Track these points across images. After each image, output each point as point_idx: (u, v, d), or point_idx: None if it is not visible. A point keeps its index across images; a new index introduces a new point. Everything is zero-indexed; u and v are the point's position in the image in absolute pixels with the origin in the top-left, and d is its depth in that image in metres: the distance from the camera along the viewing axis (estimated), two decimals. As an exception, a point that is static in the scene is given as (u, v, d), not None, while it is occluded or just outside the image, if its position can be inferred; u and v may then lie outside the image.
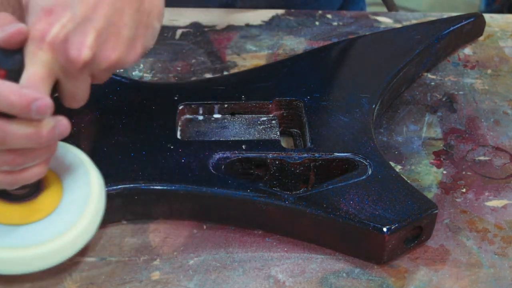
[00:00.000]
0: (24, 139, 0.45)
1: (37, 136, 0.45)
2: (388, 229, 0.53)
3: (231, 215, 0.57)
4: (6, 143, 0.44)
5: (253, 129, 0.63)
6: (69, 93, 0.48)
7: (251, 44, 0.80)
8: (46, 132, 0.45)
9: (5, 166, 0.46)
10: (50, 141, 0.46)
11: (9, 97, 0.43)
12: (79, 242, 0.51)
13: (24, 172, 0.47)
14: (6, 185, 0.48)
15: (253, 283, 0.54)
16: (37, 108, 0.43)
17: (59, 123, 0.46)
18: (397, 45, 0.74)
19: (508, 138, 0.68)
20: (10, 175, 0.47)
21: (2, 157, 0.45)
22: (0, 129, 0.44)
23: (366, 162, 0.59)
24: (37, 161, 0.47)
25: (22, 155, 0.46)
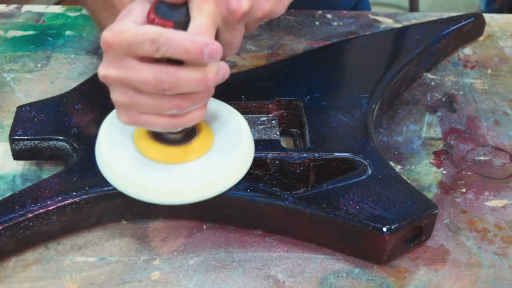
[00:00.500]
0: (193, 83, 0.49)
1: (205, 80, 0.49)
2: (388, 229, 0.53)
3: (231, 215, 0.57)
4: (178, 88, 0.49)
5: (253, 129, 0.63)
6: (226, 42, 0.52)
7: (251, 44, 0.80)
8: (212, 75, 0.49)
9: (173, 109, 0.50)
10: (215, 84, 0.50)
11: (185, 44, 0.47)
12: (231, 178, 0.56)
13: (187, 116, 0.52)
14: (171, 127, 0.52)
15: (253, 283, 0.54)
16: (209, 52, 0.47)
17: (221, 67, 0.50)
18: (397, 45, 0.74)
19: (508, 138, 0.68)
20: (175, 119, 0.51)
21: (172, 101, 0.50)
22: (172, 75, 0.48)
23: (366, 162, 0.59)
24: (199, 105, 0.52)
25: (189, 99, 0.50)
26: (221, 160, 0.56)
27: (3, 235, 0.53)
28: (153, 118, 0.51)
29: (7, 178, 0.62)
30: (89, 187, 0.55)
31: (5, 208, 0.53)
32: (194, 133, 0.57)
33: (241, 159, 0.56)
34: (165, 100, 0.49)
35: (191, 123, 0.52)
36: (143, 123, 0.52)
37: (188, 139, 0.56)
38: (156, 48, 0.47)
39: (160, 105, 0.50)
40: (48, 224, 0.55)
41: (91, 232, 0.57)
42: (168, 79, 0.48)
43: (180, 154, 0.55)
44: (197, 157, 0.55)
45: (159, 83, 0.48)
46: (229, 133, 0.58)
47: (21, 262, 0.55)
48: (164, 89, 0.48)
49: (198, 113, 0.52)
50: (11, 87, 0.72)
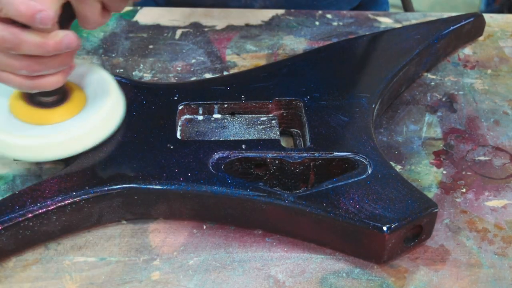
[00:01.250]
0: (33, 46, 0.52)
1: (45, 44, 0.52)
2: (388, 228, 0.53)
3: (231, 215, 0.57)
4: (20, 48, 0.52)
5: (253, 129, 0.63)
6: (81, 15, 0.56)
7: (251, 44, 0.80)
8: (54, 42, 0.53)
9: (23, 70, 0.54)
10: (58, 50, 0.53)
11: (19, 7, 0.50)
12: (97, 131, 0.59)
13: (41, 79, 0.55)
14: (26, 88, 0.56)
15: (253, 283, 0.54)
16: (41, 18, 0.51)
17: (66, 36, 0.53)
18: (397, 45, 0.74)
19: (508, 138, 0.68)
20: (29, 80, 0.55)
21: (20, 62, 0.53)
22: (15, 35, 0.52)
23: (366, 161, 0.59)
24: (52, 71, 0.55)
25: (37, 62, 0.54)
26: (84, 120, 0.59)
27: (3, 235, 0.53)
28: (10, 76, 0.55)
29: (7, 178, 0.62)
30: (89, 187, 0.55)
31: (5, 208, 0.53)
32: (66, 97, 0.60)
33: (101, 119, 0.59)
34: (15, 59, 0.53)
35: (46, 87, 0.56)
36: (2, 80, 0.55)
37: (59, 103, 0.59)
38: (0, 7, 0.51)
39: (11, 64, 0.54)
40: (48, 224, 0.55)
41: (91, 232, 0.57)
42: (10, 38, 0.52)
43: (48, 116, 0.59)
44: (64, 118, 0.59)
45: (3, 41, 0.52)
46: (98, 98, 0.61)
47: (21, 262, 0.55)
48: (8, 48, 0.52)
49: (53, 79, 0.56)
50: (11, 87, 0.72)
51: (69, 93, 0.61)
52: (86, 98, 0.61)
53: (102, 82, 0.63)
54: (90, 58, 0.77)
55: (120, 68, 0.75)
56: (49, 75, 0.55)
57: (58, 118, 0.59)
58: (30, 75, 0.54)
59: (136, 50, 0.79)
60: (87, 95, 0.62)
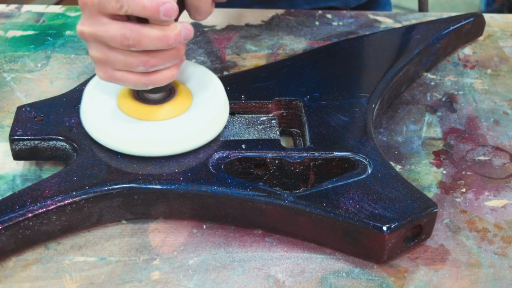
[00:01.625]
0: (155, 40, 0.52)
1: (166, 38, 0.53)
2: (388, 228, 0.53)
3: (230, 215, 0.57)
4: (141, 44, 0.52)
5: (252, 128, 0.63)
6: (193, 6, 0.57)
7: (251, 44, 0.80)
8: (174, 34, 0.53)
9: (141, 66, 0.54)
10: (177, 43, 0.53)
11: (143, 1, 0.51)
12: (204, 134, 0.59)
13: (156, 74, 0.55)
14: (142, 84, 0.56)
15: (253, 283, 0.54)
16: (165, 10, 0.51)
17: (184, 27, 0.53)
18: (397, 45, 0.74)
19: (508, 138, 0.68)
20: (145, 76, 0.55)
21: (138, 58, 0.54)
22: (136, 31, 0.52)
23: (366, 161, 0.59)
24: (167, 64, 0.55)
25: (154, 57, 0.54)
26: (196, 118, 0.59)
27: (3, 235, 0.53)
28: (126, 74, 0.55)
29: (7, 178, 0.62)
30: (89, 187, 0.55)
31: (5, 208, 0.53)
32: (173, 94, 0.60)
33: (214, 117, 0.60)
34: (133, 56, 0.53)
35: (161, 82, 0.56)
36: (117, 79, 0.55)
37: (166, 99, 0.60)
38: (120, 5, 0.51)
39: (129, 61, 0.54)
40: (48, 224, 0.55)
41: (91, 232, 0.57)
42: (131, 35, 0.52)
43: (157, 112, 0.59)
44: (173, 115, 0.59)
45: (124, 38, 0.52)
46: (205, 94, 0.61)
47: (21, 262, 0.55)
48: (129, 45, 0.52)
49: (168, 73, 0.56)
50: (11, 87, 0.72)
51: (175, 89, 0.61)
52: (191, 93, 0.61)
53: (204, 76, 0.63)
54: (90, 58, 0.77)
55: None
56: (164, 70, 0.56)
57: (170, 114, 0.59)
58: (147, 71, 0.55)
59: (136, 50, 0.79)
60: (192, 90, 0.62)
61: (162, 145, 0.58)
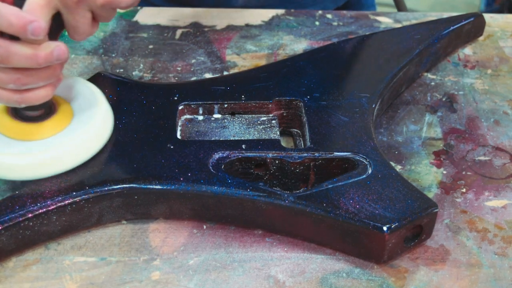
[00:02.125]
0: (24, 59, 0.51)
1: (35, 57, 0.51)
2: (388, 228, 0.53)
3: (231, 215, 0.57)
4: (10, 61, 0.51)
5: (253, 129, 0.63)
6: (71, 25, 0.55)
7: (251, 44, 0.80)
8: (44, 53, 0.51)
9: (11, 84, 0.52)
10: (48, 62, 0.52)
11: (10, 18, 0.49)
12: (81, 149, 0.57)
13: (29, 92, 0.53)
14: (14, 102, 0.54)
15: (253, 283, 0.54)
16: (32, 29, 0.49)
17: (57, 48, 0.52)
18: (397, 45, 0.74)
19: (508, 138, 0.68)
20: (17, 94, 0.53)
21: (8, 75, 0.52)
22: (4, 48, 0.50)
23: (366, 161, 0.59)
24: (40, 84, 0.53)
25: (26, 75, 0.52)
26: (69, 137, 0.57)
27: (3, 235, 0.53)
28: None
29: (7, 178, 0.62)
30: (89, 187, 0.55)
31: (5, 208, 0.53)
32: (53, 111, 0.58)
33: (85, 139, 0.57)
34: (4, 73, 0.51)
35: (35, 101, 0.54)
36: None
37: (46, 117, 0.57)
38: None
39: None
40: (48, 224, 0.55)
41: (91, 232, 0.57)
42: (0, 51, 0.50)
43: (34, 131, 0.57)
44: (50, 134, 0.57)
45: None
46: (86, 112, 0.59)
47: (21, 262, 0.55)
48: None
49: (42, 92, 0.54)
50: (11, 87, 0.72)
51: (55, 106, 0.59)
52: (73, 111, 0.60)
53: (89, 94, 0.61)
54: (90, 58, 0.77)
55: (120, 68, 0.75)
56: (37, 88, 0.54)
57: (46, 133, 0.57)
58: (18, 88, 0.53)
59: (136, 50, 0.79)
60: (73, 108, 0.60)
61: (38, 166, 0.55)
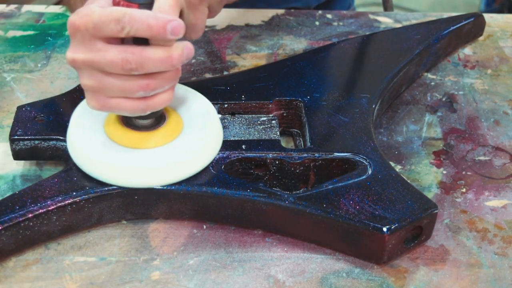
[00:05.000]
0: (159, 62, 0.50)
1: (170, 59, 0.50)
2: (388, 229, 0.53)
3: (231, 215, 0.57)
4: (144, 67, 0.49)
5: (253, 129, 0.63)
6: (191, 23, 0.55)
7: (251, 44, 0.80)
8: (177, 54, 0.50)
9: (140, 91, 0.51)
10: (180, 63, 0.51)
11: (148, 21, 0.48)
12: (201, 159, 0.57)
13: (155, 98, 0.52)
14: (140, 110, 0.53)
15: (253, 283, 0.54)
16: (172, 28, 0.48)
17: (186, 47, 0.51)
18: (397, 45, 0.74)
19: (508, 138, 0.68)
20: (143, 101, 0.52)
21: (139, 82, 0.50)
22: (138, 54, 0.49)
23: (366, 162, 0.59)
24: (166, 87, 0.52)
25: (156, 79, 0.51)
26: (188, 145, 0.56)
27: (3, 235, 0.53)
28: (122, 101, 0.52)
29: (7, 178, 0.62)
30: (89, 187, 0.55)
31: (5, 208, 0.53)
32: (164, 119, 0.58)
33: (207, 144, 0.57)
34: (133, 81, 0.50)
35: (159, 106, 0.53)
36: (111, 107, 0.52)
37: (157, 125, 0.57)
38: (121, 27, 0.48)
39: (128, 87, 0.50)
40: (48, 224, 0.55)
41: (91, 232, 0.57)
42: (134, 58, 0.49)
43: (148, 139, 0.56)
44: (164, 142, 0.56)
45: (126, 63, 0.49)
46: (197, 119, 0.59)
47: (21, 262, 0.55)
48: (131, 69, 0.49)
49: (166, 96, 0.53)
50: (11, 87, 0.72)
51: (165, 115, 0.58)
52: (182, 120, 0.59)
53: (195, 101, 0.61)
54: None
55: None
56: (162, 93, 0.52)
57: (160, 141, 0.56)
58: (146, 95, 0.52)
59: (136, 50, 0.79)
60: (182, 116, 0.59)
61: (154, 174, 0.55)
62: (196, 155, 0.56)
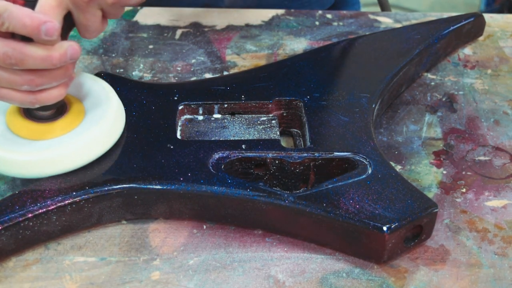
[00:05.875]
0: (38, 60, 0.51)
1: (50, 58, 0.51)
2: (388, 228, 0.53)
3: (231, 215, 0.57)
4: (24, 63, 0.51)
5: (253, 129, 0.63)
6: (82, 24, 0.55)
7: (251, 44, 0.80)
8: (59, 54, 0.51)
9: (25, 85, 0.52)
10: (62, 62, 0.52)
11: (23, 19, 0.49)
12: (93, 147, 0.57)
13: (43, 93, 0.53)
14: (28, 103, 0.54)
15: (253, 283, 0.54)
16: (46, 29, 0.49)
17: (70, 47, 0.52)
18: (397, 45, 0.74)
19: (508, 138, 0.68)
20: (31, 95, 0.53)
21: (22, 77, 0.52)
22: (18, 50, 0.50)
23: (366, 161, 0.59)
24: (54, 84, 0.53)
25: (40, 76, 0.52)
26: (80, 136, 0.57)
27: (3, 235, 0.53)
28: (11, 92, 0.53)
29: (7, 178, 0.62)
30: (89, 187, 0.55)
31: (5, 208, 0.53)
32: (65, 110, 0.58)
33: (97, 137, 0.57)
34: (17, 75, 0.51)
35: (48, 101, 0.54)
36: (2, 97, 0.53)
37: (57, 116, 0.58)
38: (1, 21, 0.49)
39: (13, 80, 0.52)
40: (48, 224, 0.55)
41: (91, 232, 0.57)
42: (13, 54, 0.50)
43: (46, 130, 0.57)
44: (61, 133, 0.57)
45: (6, 57, 0.50)
46: (98, 110, 0.59)
47: (21, 262, 0.55)
48: (11, 64, 0.50)
49: (56, 92, 0.54)
50: (11, 87, 0.72)
51: (67, 105, 0.59)
52: (84, 110, 0.60)
53: (99, 91, 0.61)
54: (90, 58, 0.77)
55: (120, 68, 0.75)
56: (51, 88, 0.54)
57: (58, 132, 0.57)
58: (32, 90, 0.53)
59: (136, 50, 0.79)
60: (85, 106, 0.60)
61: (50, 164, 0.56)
62: (93, 142, 0.57)
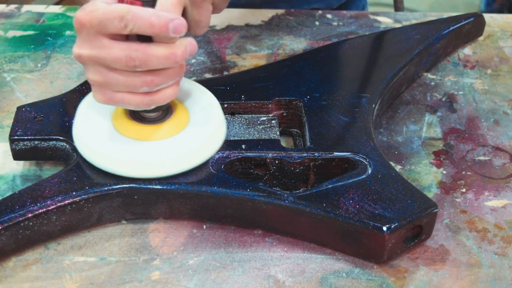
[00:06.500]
0: (162, 59, 0.51)
1: (173, 56, 0.51)
2: (388, 228, 0.53)
3: (231, 215, 0.57)
4: (147, 64, 0.50)
5: (253, 128, 0.63)
6: (195, 20, 0.56)
7: (251, 44, 0.80)
8: (180, 51, 0.51)
9: (144, 87, 0.52)
10: (184, 59, 0.52)
11: (150, 19, 0.49)
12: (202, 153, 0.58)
13: (159, 93, 0.53)
14: (145, 105, 0.54)
15: (253, 283, 0.54)
16: (174, 26, 0.49)
17: (189, 43, 0.52)
18: (397, 45, 0.74)
19: (508, 138, 0.68)
20: (148, 96, 0.53)
21: (143, 78, 0.51)
22: (142, 51, 0.50)
23: (366, 161, 0.59)
24: (170, 82, 0.53)
25: (160, 75, 0.52)
26: (192, 137, 0.58)
27: (3, 235, 0.53)
28: (127, 96, 0.53)
29: (7, 178, 0.62)
30: (89, 187, 0.55)
31: (5, 208, 0.53)
32: (170, 112, 0.59)
33: (210, 135, 0.58)
34: (137, 77, 0.51)
35: (164, 100, 0.54)
36: (117, 101, 0.53)
37: (164, 118, 0.58)
38: (125, 24, 0.49)
39: (132, 82, 0.51)
40: (48, 224, 0.55)
41: (91, 232, 0.57)
42: (137, 55, 0.50)
43: (155, 132, 0.57)
44: (171, 134, 0.57)
45: (129, 60, 0.50)
46: (202, 111, 0.60)
47: (21, 262, 0.55)
48: (135, 66, 0.50)
49: (171, 91, 0.54)
50: (11, 87, 0.72)
51: (172, 108, 0.59)
52: (188, 112, 0.60)
53: (204, 98, 0.62)
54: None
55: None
56: (166, 88, 0.54)
57: (164, 135, 0.57)
58: (150, 90, 0.53)
59: (136, 50, 0.79)
60: (188, 109, 0.60)
61: (161, 166, 0.56)
62: (200, 147, 0.57)
